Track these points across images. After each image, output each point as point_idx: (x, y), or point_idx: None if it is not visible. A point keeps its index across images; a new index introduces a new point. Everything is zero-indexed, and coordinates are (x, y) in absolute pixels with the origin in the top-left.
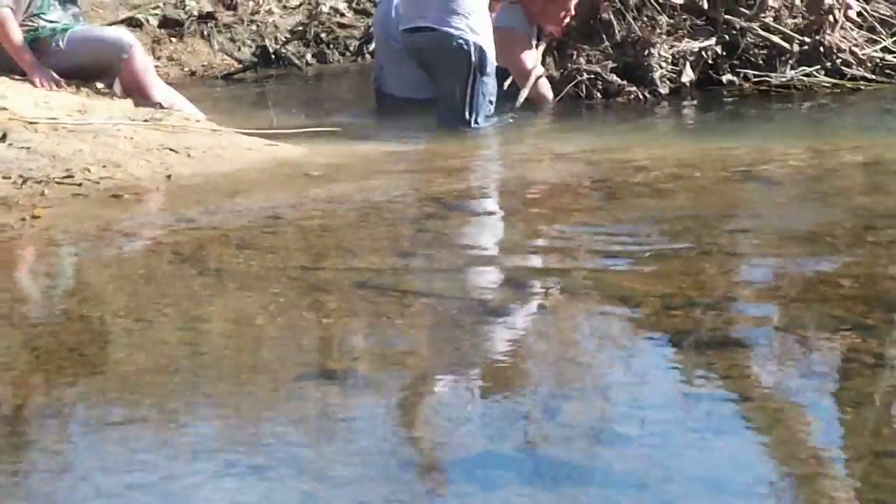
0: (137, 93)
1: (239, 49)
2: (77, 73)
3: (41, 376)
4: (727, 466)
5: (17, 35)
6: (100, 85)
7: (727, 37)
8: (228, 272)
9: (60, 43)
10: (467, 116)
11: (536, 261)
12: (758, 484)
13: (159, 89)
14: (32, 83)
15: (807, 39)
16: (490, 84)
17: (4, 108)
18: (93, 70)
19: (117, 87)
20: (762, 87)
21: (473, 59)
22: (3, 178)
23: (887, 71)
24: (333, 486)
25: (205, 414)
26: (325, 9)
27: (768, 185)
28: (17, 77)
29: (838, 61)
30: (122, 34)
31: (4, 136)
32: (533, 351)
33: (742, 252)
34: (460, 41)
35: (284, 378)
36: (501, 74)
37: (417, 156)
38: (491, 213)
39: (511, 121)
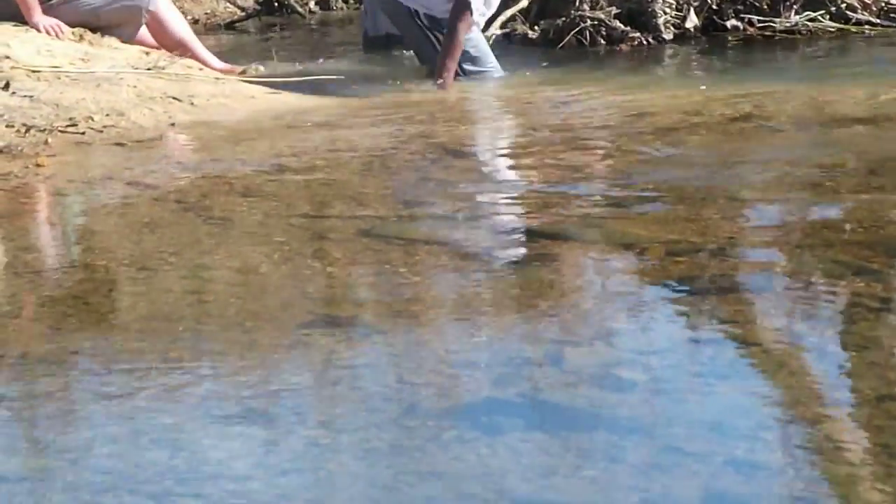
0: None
1: None
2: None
3: (46, 325)
4: (731, 411)
5: None
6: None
7: None
8: (232, 220)
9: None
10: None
11: (540, 208)
12: (762, 428)
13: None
14: (37, 29)
15: None
16: (474, 37)
17: (7, 57)
18: (109, 26)
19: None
20: (766, 33)
21: (422, 21)
22: (7, 126)
23: (892, 15)
24: (339, 432)
25: (210, 362)
26: None
27: (772, 131)
28: (19, 25)
29: (843, 6)
30: None
31: (7, 84)
32: (536, 298)
33: (746, 197)
34: (406, 7)
35: (289, 326)
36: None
37: (422, 104)
38: (494, 161)
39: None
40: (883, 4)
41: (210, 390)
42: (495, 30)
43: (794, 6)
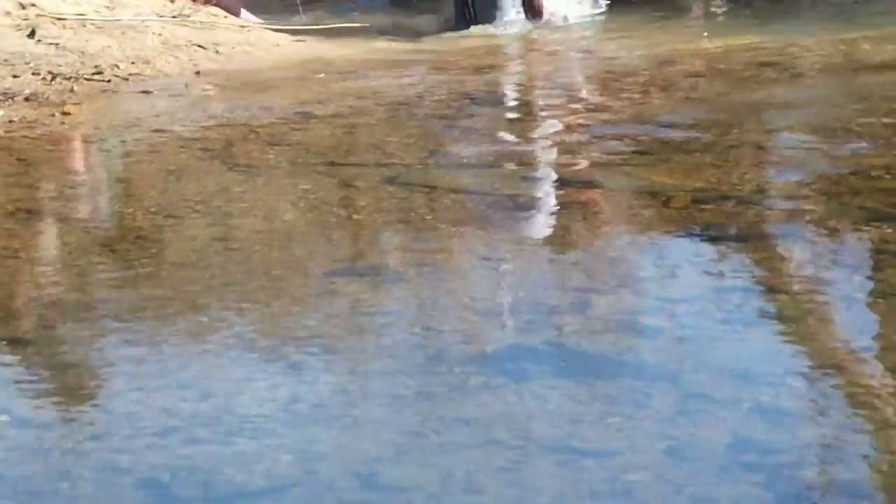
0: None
1: None
2: None
3: (74, 272)
4: (757, 358)
5: None
6: None
7: None
8: (258, 168)
9: None
10: (466, 14)
11: (566, 155)
12: (788, 375)
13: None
14: None
15: None
16: None
17: (33, 5)
18: None
19: None
20: None
21: None
22: (33, 74)
23: None
24: (366, 379)
25: (237, 310)
26: None
27: (799, 78)
28: None
29: None
30: None
31: (33, 32)
32: (562, 245)
33: (773, 145)
34: None
35: (315, 274)
36: None
37: (447, 52)
38: (520, 108)
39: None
40: None
41: (237, 337)
42: None
43: None
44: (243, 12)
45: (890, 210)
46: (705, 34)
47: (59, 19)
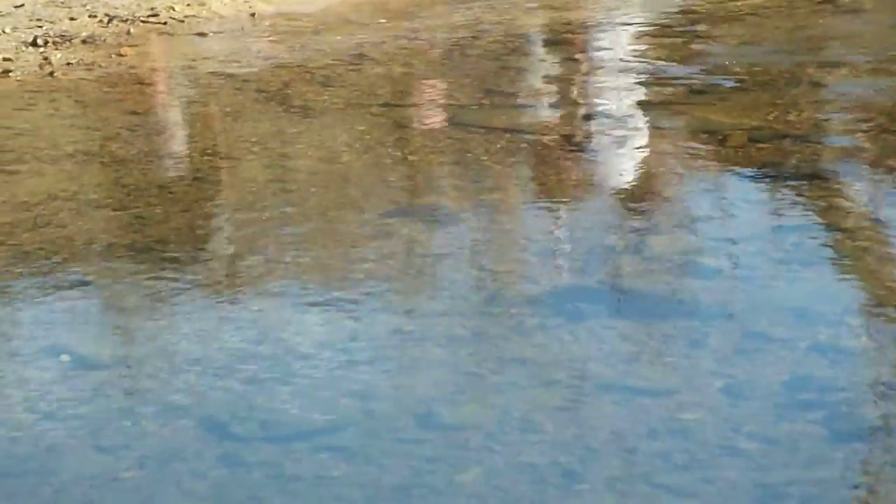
0: None
1: None
2: None
3: (132, 214)
4: (816, 297)
5: None
6: None
7: None
8: (314, 109)
9: None
10: None
11: (624, 95)
12: (847, 314)
13: None
14: None
15: None
16: None
17: None
18: None
19: None
20: None
21: None
22: (90, 16)
23: None
24: (423, 320)
25: (293, 251)
26: None
27: (857, 14)
28: None
29: None
30: None
31: None
32: (618, 185)
33: (831, 82)
34: None
35: (371, 215)
36: None
37: None
38: (576, 48)
39: None
40: None
41: (295, 279)
42: None
43: None
44: None
45: None
46: None
47: None
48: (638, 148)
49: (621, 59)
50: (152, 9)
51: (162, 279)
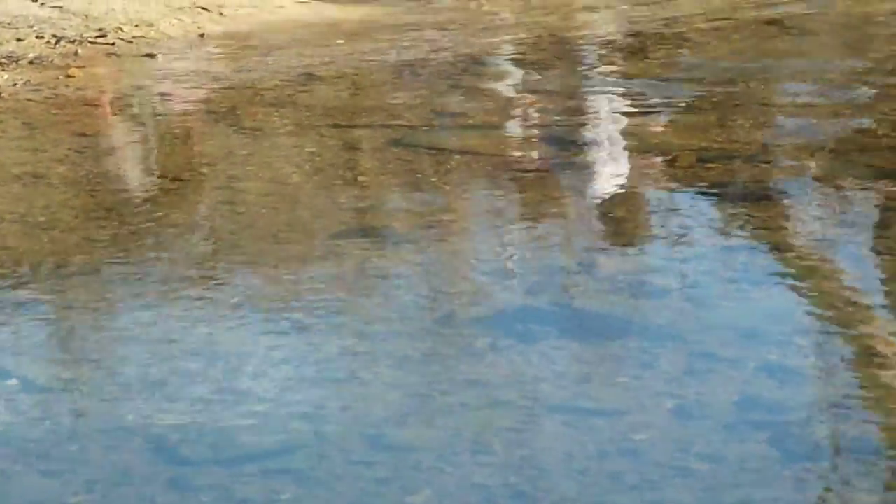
0: None
1: None
2: None
3: (80, 235)
4: (765, 317)
5: None
6: None
7: None
8: (264, 131)
9: None
10: None
11: (572, 115)
12: (796, 334)
13: None
14: None
15: None
16: None
17: None
18: None
19: None
20: None
21: None
22: (37, 37)
23: None
24: (374, 341)
25: (244, 272)
26: None
27: (803, 35)
28: None
29: None
30: None
31: None
32: (568, 206)
33: (778, 103)
34: None
35: (322, 236)
36: None
37: (450, 12)
38: (524, 69)
39: None
40: None
41: (244, 300)
42: None
43: None
44: None
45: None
46: None
47: None
48: (587, 168)
49: (570, 81)
50: (100, 30)
51: (110, 301)
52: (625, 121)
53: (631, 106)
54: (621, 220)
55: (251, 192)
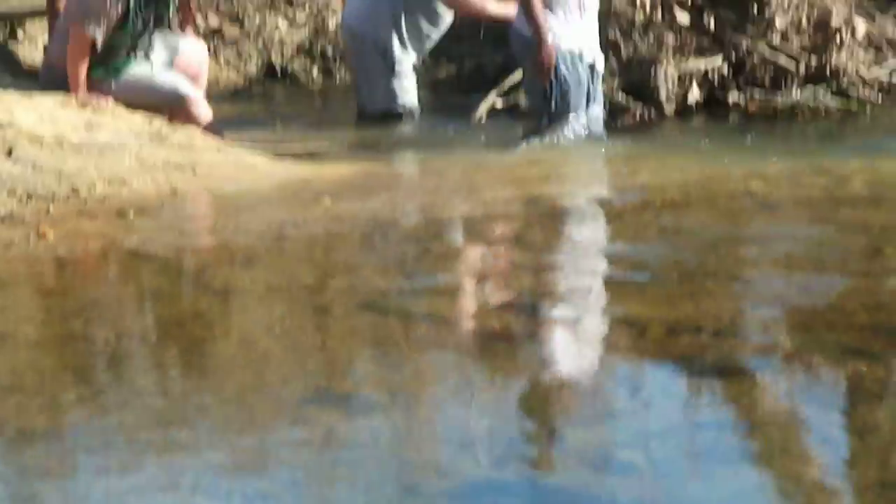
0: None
1: (245, 65)
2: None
3: (45, 398)
4: (733, 497)
5: (83, 66)
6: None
7: (733, 57)
8: (233, 292)
9: (112, 85)
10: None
11: (540, 282)
12: None
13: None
14: (83, 105)
15: (813, 62)
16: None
17: (10, 124)
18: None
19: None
20: (768, 108)
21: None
22: (9, 194)
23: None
24: None
25: (209, 439)
26: (331, 25)
27: (774, 209)
28: (24, 91)
29: (844, 82)
30: (179, 85)
31: (10, 151)
32: (536, 377)
33: (748, 278)
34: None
35: (289, 401)
36: None
37: (424, 175)
38: (494, 234)
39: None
40: (883, 83)
41: (209, 468)
42: (490, 103)
43: (796, 82)
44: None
45: (864, 346)
46: (681, 161)
47: (36, 139)
48: (556, 339)
49: (540, 251)
50: (73, 187)
51: (73, 468)
52: (594, 292)
53: (600, 277)
54: (588, 393)
55: (219, 356)
